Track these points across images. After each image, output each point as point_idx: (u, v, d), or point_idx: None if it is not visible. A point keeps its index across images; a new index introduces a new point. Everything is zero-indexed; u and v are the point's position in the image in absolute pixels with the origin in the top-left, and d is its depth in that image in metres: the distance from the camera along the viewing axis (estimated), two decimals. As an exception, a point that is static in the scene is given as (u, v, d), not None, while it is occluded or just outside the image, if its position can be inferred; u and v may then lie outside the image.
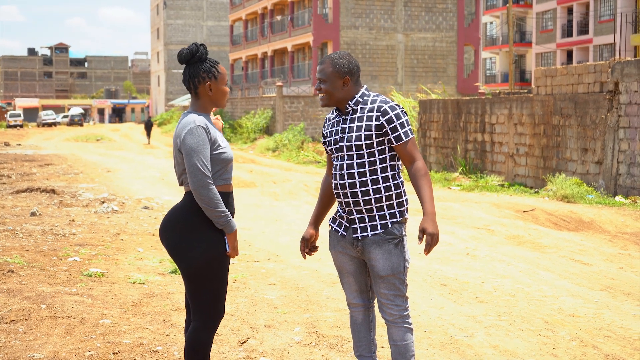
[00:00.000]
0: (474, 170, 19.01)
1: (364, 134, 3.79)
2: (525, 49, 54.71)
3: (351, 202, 3.83)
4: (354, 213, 3.85)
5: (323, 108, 39.25)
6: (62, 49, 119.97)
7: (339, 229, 3.95)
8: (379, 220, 3.81)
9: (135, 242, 9.43)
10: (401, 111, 3.80)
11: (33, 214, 11.41)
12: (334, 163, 3.91)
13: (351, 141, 3.81)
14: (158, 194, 15.65)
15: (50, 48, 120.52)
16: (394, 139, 3.78)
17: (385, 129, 3.78)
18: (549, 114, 16.25)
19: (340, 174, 3.85)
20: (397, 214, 3.83)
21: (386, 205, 3.82)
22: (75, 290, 6.71)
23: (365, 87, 3.92)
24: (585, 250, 9.21)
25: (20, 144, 37.92)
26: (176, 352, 5.04)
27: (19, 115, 68.81)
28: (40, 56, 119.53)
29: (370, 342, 4.09)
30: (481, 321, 5.92)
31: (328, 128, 3.98)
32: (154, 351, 5.06)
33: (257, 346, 5.24)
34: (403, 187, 3.88)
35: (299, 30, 43.82)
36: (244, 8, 54.19)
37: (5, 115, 72.27)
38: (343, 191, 3.84)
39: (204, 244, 3.74)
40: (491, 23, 58.70)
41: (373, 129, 3.78)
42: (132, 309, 6.15)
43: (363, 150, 3.80)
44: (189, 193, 3.80)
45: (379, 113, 3.79)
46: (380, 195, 3.80)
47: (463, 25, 43.50)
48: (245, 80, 55.16)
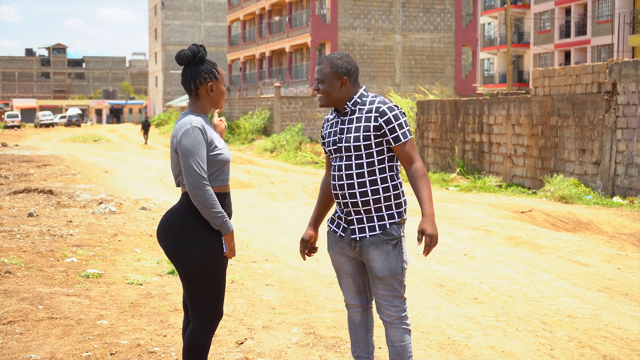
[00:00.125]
0: (472, 171, 19.02)
1: (363, 135, 3.78)
2: (523, 50, 54.77)
3: (349, 203, 3.83)
4: (353, 214, 3.85)
5: (321, 109, 39.05)
6: (60, 49, 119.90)
7: (337, 230, 3.95)
8: (377, 221, 3.81)
9: (132, 243, 9.42)
10: (400, 112, 3.80)
11: (30, 215, 11.40)
12: (333, 164, 3.90)
13: (350, 142, 3.80)
14: (156, 194, 15.64)
15: (47, 48, 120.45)
16: (392, 139, 3.78)
17: (383, 130, 3.77)
18: (546, 114, 16.26)
19: (338, 175, 3.85)
20: (396, 214, 3.83)
21: (384, 206, 3.81)
22: (73, 291, 6.70)
23: (363, 88, 3.91)
24: (582, 251, 9.21)
25: (17, 145, 37.89)
26: (174, 353, 5.03)
27: (16, 116, 68.78)
28: (38, 57, 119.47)
29: (368, 343, 4.08)
30: (479, 322, 5.92)
31: (327, 129, 3.98)
32: (152, 352, 5.05)
33: (255, 347, 5.23)
34: (401, 188, 3.87)
35: (297, 31, 43.83)
36: (242, 9, 54.19)
37: (2, 116, 72.24)
38: (341, 192, 3.84)
39: (201, 245, 3.73)
40: (489, 24, 58.75)
41: (371, 130, 3.77)
42: (130, 310, 6.14)
43: (361, 151, 3.79)
44: (185, 194, 3.79)
45: (378, 114, 3.78)
46: (378, 196, 3.79)
47: (461, 26, 43.53)
48: (243, 81, 55.16)
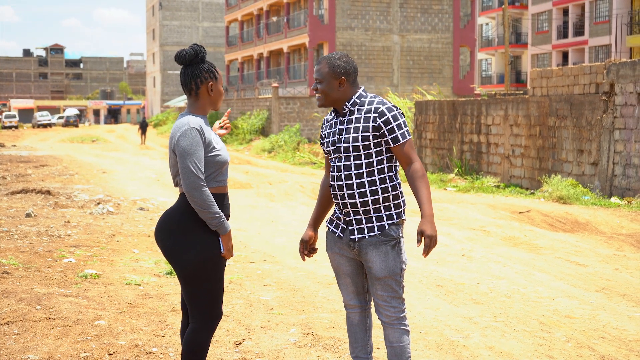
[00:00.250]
0: (470, 172, 19.03)
1: (361, 135, 3.78)
2: (520, 50, 54.82)
3: (348, 204, 3.82)
4: (351, 214, 3.84)
5: (319, 109, 39.04)
6: (58, 49, 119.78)
7: (336, 231, 3.95)
8: (376, 222, 3.80)
9: (130, 244, 9.41)
10: (398, 112, 3.80)
11: (28, 215, 11.39)
12: (332, 164, 3.90)
13: (348, 142, 3.80)
14: (154, 195, 15.63)
15: (45, 49, 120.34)
16: (391, 140, 3.78)
17: (382, 130, 3.77)
18: (544, 115, 16.27)
19: (337, 175, 3.85)
20: (394, 215, 3.82)
21: (383, 207, 3.81)
22: (71, 292, 6.69)
23: (362, 89, 3.91)
24: (580, 252, 9.22)
25: (15, 145, 37.84)
26: (172, 354, 5.03)
27: (14, 116, 68.67)
28: (36, 57, 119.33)
29: (366, 344, 4.08)
30: (477, 322, 5.92)
31: (326, 129, 3.97)
32: (150, 352, 5.05)
33: (253, 347, 5.23)
34: (400, 189, 3.87)
35: (295, 32, 43.83)
36: (240, 9, 54.18)
37: (0, 117, 72.13)
38: (340, 192, 3.84)
39: (199, 245, 3.72)
40: (487, 24, 58.79)
41: (370, 130, 3.77)
42: (128, 310, 6.14)
43: (360, 151, 3.79)
44: (183, 194, 3.79)
45: (376, 114, 3.78)
46: (377, 197, 3.79)
47: (459, 27, 43.55)
48: (241, 82, 55.15)
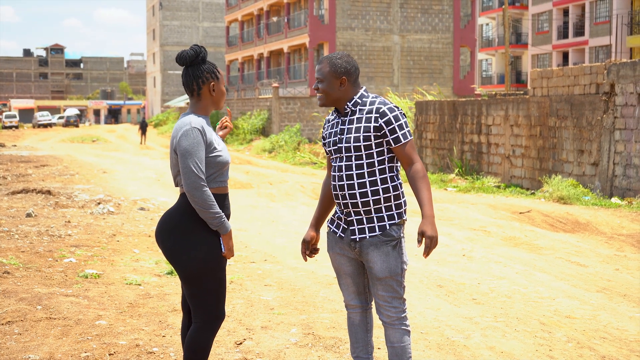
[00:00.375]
0: (470, 172, 19.03)
1: (363, 135, 3.78)
2: (521, 51, 54.82)
3: (349, 204, 3.82)
4: (352, 214, 3.84)
5: (319, 109, 38.99)
6: (58, 49, 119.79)
7: (337, 231, 3.94)
8: (377, 222, 3.80)
9: (131, 244, 9.41)
10: (400, 113, 3.79)
11: (29, 215, 11.39)
12: (333, 164, 3.90)
13: (350, 142, 3.80)
14: (154, 195, 15.63)
15: (45, 49, 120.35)
16: (392, 140, 3.78)
17: (383, 131, 3.77)
18: (545, 115, 16.27)
19: (338, 175, 3.84)
20: (395, 215, 3.82)
21: (384, 207, 3.81)
22: (71, 292, 6.69)
23: (364, 89, 3.91)
24: (581, 252, 9.22)
25: (15, 145, 37.85)
26: (172, 354, 5.03)
27: (14, 116, 68.71)
28: (36, 57, 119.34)
29: (367, 344, 4.08)
30: (477, 322, 5.92)
31: (327, 129, 3.97)
32: (150, 352, 5.05)
33: (254, 347, 5.23)
34: (401, 189, 3.87)
35: (295, 32, 43.82)
36: (240, 9, 54.18)
37: (0, 117, 72.15)
38: (341, 192, 3.83)
39: (199, 245, 3.72)
40: (487, 24, 58.79)
41: (371, 131, 3.77)
42: (128, 310, 6.14)
43: (361, 151, 3.78)
44: (183, 194, 3.79)
45: (378, 114, 3.78)
46: (378, 197, 3.79)
47: (459, 27, 43.55)
48: (241, 82, 55.15)
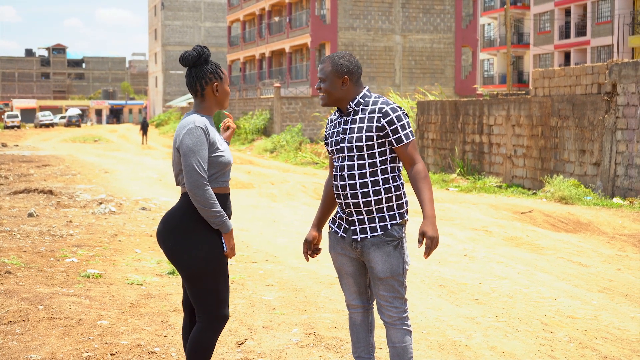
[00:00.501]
0: (472, 172, 19.02)
1: (365, 135, 3.78)
2: (523, 51, 54.78)
3: (351, 204, 3.82)
4: (354, 214, 3.84)
5: (321, 109, 38.91)
6: (60, 49, 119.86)
7: (339, 230, 3.94)
8: (379, 222, 3.80)
9: (132, 243, 9.42)
10: (402, 113, 3.79)
11: (30, 215, 11.40)
12: (335, 164, 3.90)
13: (352, 142, 3.80)
14: (156, 194, 15.64)
15: (47, 49, 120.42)
16: (394, 140, 3.77)
17: (386, 131, 3.77)
18: (546, 115, 16.26)
19: (340, 175, 3.84)
20: (397, 215, 3.82)
21: (386, 207, 3.81)
22: (73, 292, 6.69)
23: (367, 89, 3.91)
24: (583, 252, 9.21)
25: (17, 145, 37.88)
26: (174, 353, 5.03)
27: (16, 116, 68.82)
28: (38, 57, 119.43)
29: (368, 344, 4.08)
30: (479, 322, 5.92)
31: (330, 129, 3.97)
32: (152, 352, 5.05)
33: (255, 347, 5.23)
34: (403, 189, 3.87)
35: (297, 32, 43.82)
36: (242, 9, 54.18)
37: (2, 116, 72.25)
38: (343, 192, 3.83)
39: (200, 245, 3.73)
40: (489, 24, 58.76)
41: (374, 130, 3.77)
42: (130, 310, 6.14)
43: (364, 151, 3.78)
44: (185, 194, 3.79)
45: (380, 114, 3.78)
46: (380, 197, 3.79)
47: (461, 27, 43.52)
48: (243, 82, 55.16)
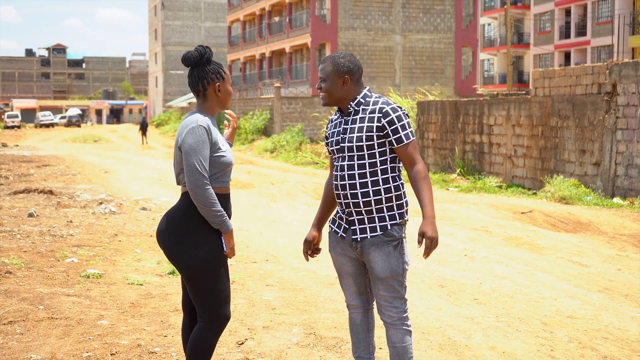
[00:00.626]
0: (472, 172, 19.01)
1: (365, 135, 3.78)
2: (523, 51, 54.78)
3: (351, 204, 3.82)
4: (354, 214, 3.84)
5: (321, 109, 38.90)
6: (60, 49, 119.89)
7: (339, 230, 3.94)
8: (379, 222, 3.80)
9: (133, 243, 9.42)
10: (403, 113, 3.80)
11: (31, 215, 11.40)
12: (335, 164, 3.90)
13: (352, 142, 3.80)
14: (156, 194, 15.64)
15: (47, 49, 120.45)
16: (395, 140, 3.77)
17: (386, 131, 3.77)
18: (546, 115, 16.26)
19: (340, 175, 3.84)
20: (397, 215, 3.82)
21: (386, 207, 3.81)
22: (73, 292, 6.69)
23: (367, 89, 3.91)
24: (583, 252, 9.21)
25: (17, 145, 37.88)
26: (174, 353, 5.03)
27: (16, 116, 68.83)
28: (38, 57, 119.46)
29: (369, 344, 4.08)
30: (479, 322, 5.92)
31: (330, 129, 3.97)
32: (152, 352, 5.05)
33: (255, 347, 5.23)
34: (403, 189, 3.87)
35: (297, 32, 43.83)
36: (242, 9, 54.19)
37: (2, 116, 72.27)
38: (343, 192, 3.83)
39: (200, 244, 3.73)
40: (489, 24, 58.76)
41: (374, 130, 3.77)
42: (130, 310, 6.14)
43: (364, 151, 3.78)
44: (185, 194, 3.79)
45: (381, 114, 3.78)
46: (380, 197, 3.79)
47: (461, 27, 43.53)
48: (243, 82, 55.16)
